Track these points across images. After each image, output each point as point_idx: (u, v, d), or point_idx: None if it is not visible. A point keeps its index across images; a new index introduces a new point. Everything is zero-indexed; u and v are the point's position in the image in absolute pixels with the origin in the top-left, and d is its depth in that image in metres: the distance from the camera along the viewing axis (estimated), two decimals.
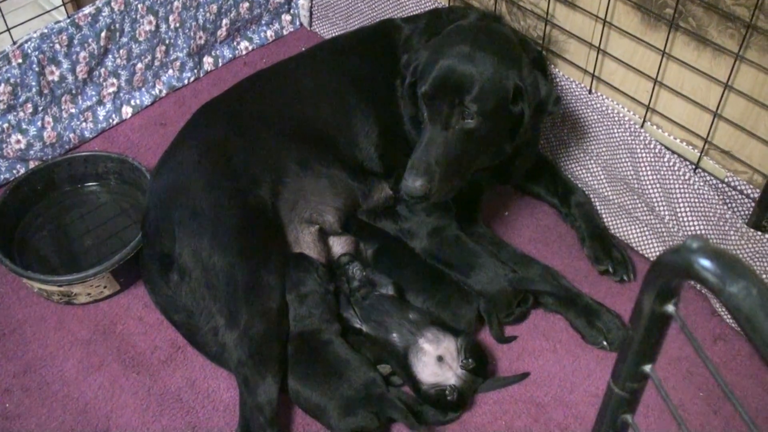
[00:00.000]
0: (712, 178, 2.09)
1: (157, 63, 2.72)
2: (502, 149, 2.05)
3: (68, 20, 2.42)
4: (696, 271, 0.73)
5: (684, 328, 0.81)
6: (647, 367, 0.88)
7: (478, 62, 1.89)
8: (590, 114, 2.26)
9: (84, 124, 2.61)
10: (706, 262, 0.72)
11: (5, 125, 2.39)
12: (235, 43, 2.94)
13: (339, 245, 2.18)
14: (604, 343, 2.05)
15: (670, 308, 0.81)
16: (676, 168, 2.07)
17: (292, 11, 3.04)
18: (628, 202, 2.25)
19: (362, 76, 2.24)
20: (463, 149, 1.94)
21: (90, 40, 2.48)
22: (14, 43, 2.34)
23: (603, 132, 2.25)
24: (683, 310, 0.85)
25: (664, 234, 2.17)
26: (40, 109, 2.46)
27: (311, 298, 1.97)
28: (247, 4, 2.86)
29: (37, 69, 2.38)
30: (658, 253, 2.22)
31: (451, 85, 1.90)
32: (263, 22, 2.98)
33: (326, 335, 1.94)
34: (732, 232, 1.97)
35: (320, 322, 1.96)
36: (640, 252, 2.27)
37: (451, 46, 1.93)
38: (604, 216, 2.32)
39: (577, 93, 2.27)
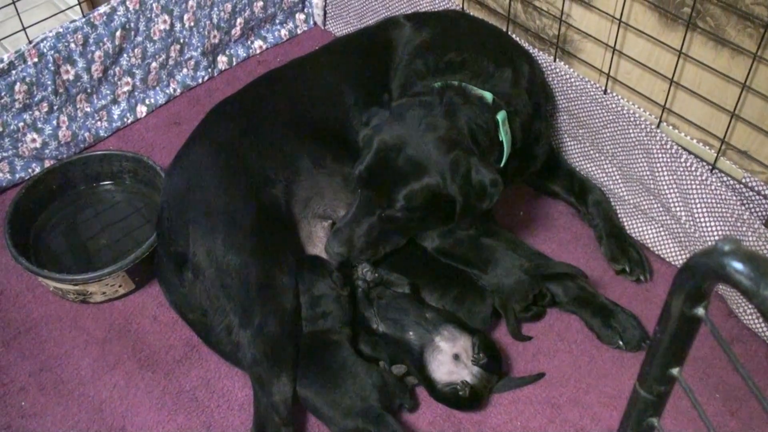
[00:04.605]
0: (729, 178, 2.08)
1: (171, 62, 2.72)
2: (435, 227, 2.09)
3: (83, 19, 2.43)
4: (728, 274, 0.72)
5: (714, 331, 0.80)
6: (675, 370, 0.87)
7: (411, 161, 1.90)
8: (605, 114, 2.25)
9: (99, 123, 2.62)
10: (739, 265, 0.71)
11: (21, 124, 2.40)
12: (249, 42, 2.94)
13: None
14: (620, 342, 2.04)
15: (700, 311, 0.80)
16: (692, 168, 2.06)
17: (306, 10, 3.04)
18: (644, 203, 2.24)
19: (361, 75, 2.26)
20: (387, 232, 2.01)
21: (105, 39, 2.49)
22: (30, 42, 2.34)
23: (618, 132, 2.24)
24: None
25: (681, 235, 2.16)
26: (56, 108, 2.46)
27: (324, 301, 1.97)
28: (261, 3, 2.86)
29: (52, 68, 2.39)
30: (674, 254, 2.21)
31: (381, 177, 1.93)
32: (277, 21, 2.98)
33: (337, 336, 1.94)
34: (749, 233, 1.96)
35: (332, 325, 1.96)
36: (656, 252, 2.26)
37: (391, 135, 1.93)
38: (619, 216, 2.32)
39: (592, 93, 2.26)
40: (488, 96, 2.03)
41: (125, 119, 2.68)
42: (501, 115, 2.02)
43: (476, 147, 1.95)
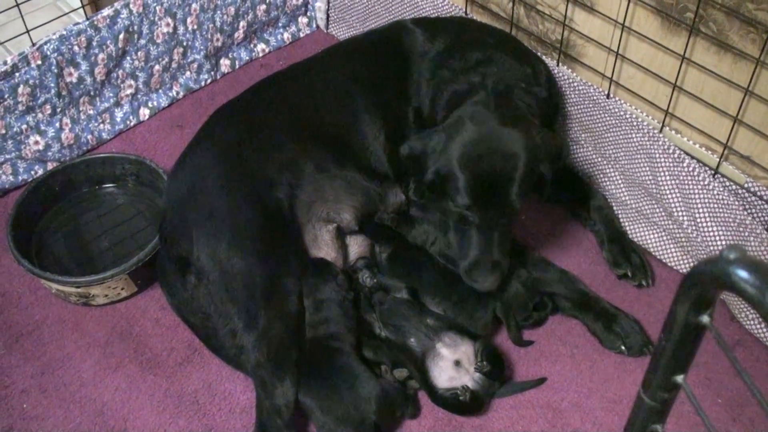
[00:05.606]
0: (732, 183, 2.08)
1: (174, 65, 2.72)
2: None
3: (87, 22, 2.43)
4: (734, 283, 0.72)
5: (719, 338, 0.80)
6: (679, 378, 0.87)
7: (504, 157, 1.88)
8: (608, 118, 2.25)
9: (102, 125, 2.62)
10: (744, 274, 0.71)
11: (24, 126, 2.40)
12: (251, 46, 2.94)
13: (357, 244, 2.18)
14: (623, 347, 2.04)
15: (704, 319, 0.80)
16: (695, 173, 2.06)
17: (308, 14, 3.05)
18: (647, 207, 2.24)
19: (370, 79, 2.25)
20: (512, 229, 2.03)
21: (108, 42, 2.49)
22: (33, 44, 2.35)
23: (621, 137, 2.24)
24: None
25: (683, 239, 2.16)
26: (59, 110, 2.47)
27: (327, 305, 1.96)
28: (264, 7, 2.87)
29: (55, 70, 2.39)
30: (676, 259, 2.21)
31: (493, 193, 1.90)
32: (280, 24, 2.99)
33: (338, 343, 1.94)
34: (752, 238, 1.96)
35: (334, 330, 1.95)
36: (658, 257, 2.26)
37: (470, 147, 1.90)
38: (622, 221, 2.32)
39: (595, 97, 2.26)
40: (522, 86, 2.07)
41: (128, 122, 2.69)
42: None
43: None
